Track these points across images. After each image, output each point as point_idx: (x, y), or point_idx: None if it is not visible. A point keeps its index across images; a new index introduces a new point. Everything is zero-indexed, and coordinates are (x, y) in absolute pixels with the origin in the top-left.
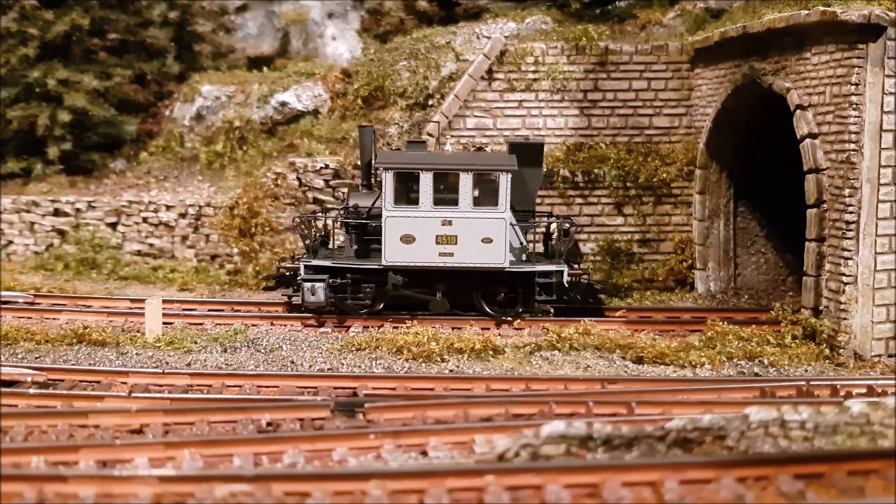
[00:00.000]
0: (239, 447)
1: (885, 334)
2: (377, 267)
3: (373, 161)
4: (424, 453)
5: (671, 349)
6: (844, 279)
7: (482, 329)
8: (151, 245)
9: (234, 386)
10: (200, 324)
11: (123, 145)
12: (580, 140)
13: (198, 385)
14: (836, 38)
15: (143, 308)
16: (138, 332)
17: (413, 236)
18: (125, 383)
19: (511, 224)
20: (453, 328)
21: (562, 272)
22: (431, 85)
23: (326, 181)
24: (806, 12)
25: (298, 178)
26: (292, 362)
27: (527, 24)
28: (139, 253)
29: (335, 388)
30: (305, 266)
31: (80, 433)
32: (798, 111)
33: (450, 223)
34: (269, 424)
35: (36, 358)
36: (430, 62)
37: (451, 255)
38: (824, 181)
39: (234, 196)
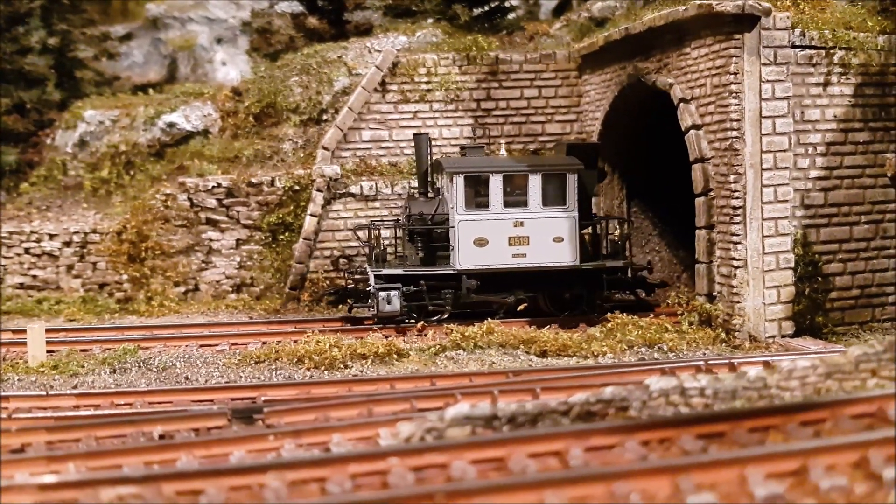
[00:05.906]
0: (128, 457)
1: (777, 315)
2: (451, 272)
3: (429, 168)
4: (328, 450)
5: (574, 341)
6: (735, 263)
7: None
8: (35, 276)
9: (124, 404)
10: (88, 349)
11: (2, 177)
12: None
13: (85, 405)
14: (714, 31)
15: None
16: (20, 360)
17: (486, 239)
18: (6, 408)
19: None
20: (365, 335)
21: (628, 268)
22: (325, 100)
23: (220, 200)
24: (684, 8)
25: (190, 199)
26: (187, 378)
27: (418, 38)
28: (22, 286)
29: (233, 398)
30: (376, 276)
31: None
32: (682, 104)
33: (521, 224)
34: (161, 437)
35: None
36: (323, 77)
37: (524, 255)
38: (710, 170)
39: (121, 221)
